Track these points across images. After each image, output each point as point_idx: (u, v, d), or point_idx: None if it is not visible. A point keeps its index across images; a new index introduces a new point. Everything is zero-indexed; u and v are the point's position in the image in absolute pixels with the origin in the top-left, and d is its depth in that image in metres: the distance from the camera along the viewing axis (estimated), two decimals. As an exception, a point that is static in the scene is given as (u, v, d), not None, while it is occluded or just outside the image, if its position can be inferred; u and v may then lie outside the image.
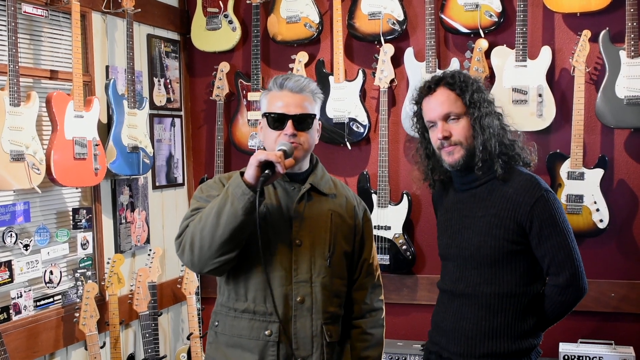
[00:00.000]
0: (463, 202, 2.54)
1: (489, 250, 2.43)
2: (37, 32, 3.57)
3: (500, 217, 2.42)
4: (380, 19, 4.23)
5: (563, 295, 2.43)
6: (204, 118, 4.79)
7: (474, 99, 2.44)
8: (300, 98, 2.37)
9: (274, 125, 2.36)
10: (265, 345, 2.36)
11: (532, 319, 2.47)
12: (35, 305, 3.48)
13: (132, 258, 4.19)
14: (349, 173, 4.42)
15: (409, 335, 4.27)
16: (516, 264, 2.44)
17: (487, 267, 2.45)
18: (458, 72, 2.52)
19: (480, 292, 2.46)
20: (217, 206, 2.22)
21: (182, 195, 4.74)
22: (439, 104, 2.48)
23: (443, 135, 2.46)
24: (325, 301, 2.41)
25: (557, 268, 2.41)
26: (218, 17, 4.55)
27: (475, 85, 2.49)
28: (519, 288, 2.44)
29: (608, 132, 4.00)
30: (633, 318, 3.97)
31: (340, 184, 2.60)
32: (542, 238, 2.40)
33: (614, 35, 3.86)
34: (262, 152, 2.22)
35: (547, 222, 2.39)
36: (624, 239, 4.01)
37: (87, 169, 3.59)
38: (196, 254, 2.26)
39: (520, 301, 2.44)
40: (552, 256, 2.40)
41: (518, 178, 2.45)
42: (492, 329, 2.44)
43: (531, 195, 2.40)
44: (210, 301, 4.69)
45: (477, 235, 2.46)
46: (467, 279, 2.49)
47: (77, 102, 3.53)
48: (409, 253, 4.22)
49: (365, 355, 2.55)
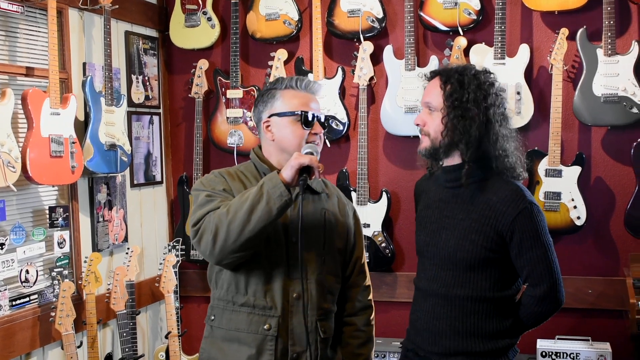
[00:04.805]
0: (445, 201, 2.52)
1: (465, 254, 2.42)
2: (13, 28, 3.53)
3: (480, 224, 2.41)
4: (359, 17, 4.23)
5: (539, 306, 2.43)
6: (183, 115, 4.77)
7: (453, 97, 2.40)
8: (316, 99, 2.50)
9: (307, 123, 2.41)
10: (264, 339, 2.38)
11: (507, 320, 2.46)
12: (10, 305, 3.44)
13: (109, 257, 4.16)
14: (329, 171, 4.41)
15: (388, 332, 4.28)
16: (491, 270, 2.43)
17: (462, 270, 2.44)
18: (462, 69, 2.47)
19: (453, 294, 2.45)
20: (249, 202, 2.21)
21: (160, 193, 4.71)
22: (426, 93, 2.50)
23: (416, 122, 2.50)
24: (320, 298, 2.45)
25: (535, 280, 2.41)
26: (197, 14, 4.53)
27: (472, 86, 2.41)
28: (492, 293, 2.44)
29: (585, 129, 4.03)
30: (610, 314, 4.01)
31: (330, 184, 2.65)
32: (522, 250, 2.39)
33: (591, 33, 3.89)
34: (304, 156, 2.25)
35: (528, 234, 2.37)
36: (601, 236, 4.05)
37: (63, 166, 3.56)
38: (219, 245, 2.25)
39: (494, 305, 2.44)
40: (531, 268, 2.39)
41: (504, 187, 2.42)
42: (466, 329, 2.44)
43: (515, 207, 2.37)
44: (189, 300, 4.67)
45: (454, 238, 2.45)
46: (441, 279, 2.48)
47: (54, 99, 3.49)
48: (388, 251, 4.22)
49: (359, 352, 2.59)
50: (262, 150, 2.52)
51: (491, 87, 2.45)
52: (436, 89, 2.46)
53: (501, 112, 2.45)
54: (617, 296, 3.93)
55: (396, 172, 4.35)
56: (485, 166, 2.44)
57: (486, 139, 2.41)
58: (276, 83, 2.49)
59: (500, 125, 2.43)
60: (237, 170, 2.51)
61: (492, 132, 2.41)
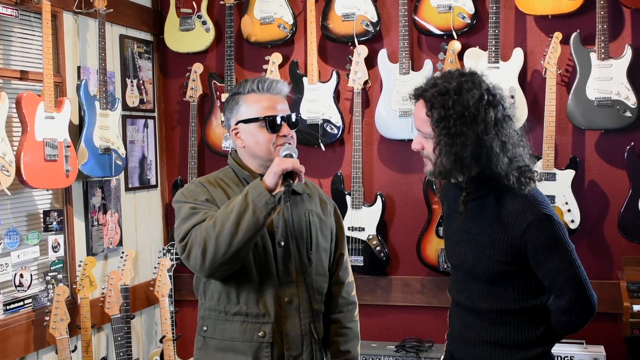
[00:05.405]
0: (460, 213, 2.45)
1: (482, 269, 2.36)
2: (7, 32, 3.53)
3: (493, 239, 2.33)
4: (354, 21, 4.23)
5: (566, 316, 2.32)
6: (178, 119, 4.76)
7: (441, 125, 2.28)
8: (283, 99, 2.45)
9: (273, 129, 2.37)
10: (259, 346, 2.38)
11: (539, 329, 2.38)
12: (5, 309, 3.43)
13: (104, 261, 4.15)
14: (323, 174, 4.42)
15: (383, 336, 4.28)
16: (513, 282, 2.35)
17: (484, 284, 2.39)
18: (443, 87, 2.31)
19: (478, 307, 2.40)
20: (235, 213, 2.19)
21: (155, 197, 4.70)
22: (415, 118, 2.40)
23: (414, 147, 2.42)
24: (311, 300, 2.45)
25: (557, 291, 2.32)
26: (191, 18, 4.53)
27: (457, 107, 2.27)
28: (518, 304, 2.36)
29: (579, 133, 4.04)
30: (604, 317, 4.00)
31: (311, 183, 2.63)
32: (538, 262, 2.30)
33: (584, 37, 3.91)
34: (286, 160, 2.23)
35: (541, 247, 2.27)
36: (595, 239, 4.06)
37: (58, 170, 3.55)
38: (208, 259, 2.23)
39: (521, 315, 2.37)
40: (551, 280, 2.30)
41: (513, 199, 2.32)
42: (494, 339, 2.39)
43: (523, 220, 2.27)
44: (184, 304, 4.66)
45: (472, 253, 2.39)
46: (467, 291, 2.44)
47: (48, 103, 3.49)
48: (383, 254, 4.22)
49: (346, 349, 2.58)
50: (239, 156, 2.51)
51: (481, 101, 2.29)
52: (423, 116, 2.34)
53: (498, 117, 2.31)
54: (611, 299, 3.93)
55: (391, 176, 4.35)
56: (490, 179, 2.33)
57: (483, 158, 2.29)
58: (239, 87, 2.45)
59: (497, 137, 2.29)
60: (217, 178, 2.49)
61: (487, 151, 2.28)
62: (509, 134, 2.35)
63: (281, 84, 2.45)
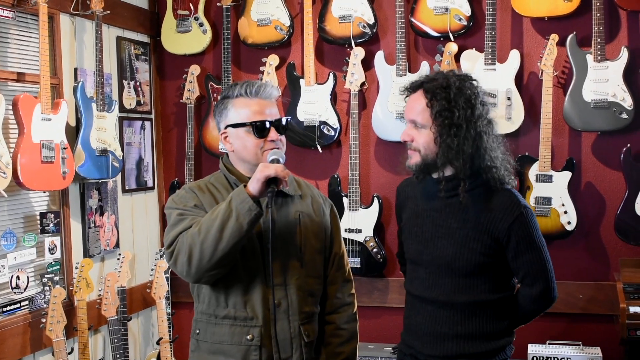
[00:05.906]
0: (437, 210, 2.51)
1: (464, 262, 2.45)
2: (4, 33, 3.52)
3: (477, 231, 2.43)
4: (350, 22, 4.24)
5: (535, 304, 2.53)
6: (175, 121, 4.76)
7: (443, 116, 2.38)
8: (272, 103, 2.43)
9: (260, 134, 2.37)
10: (248, 350, 2.38)
11: (506, 320, 2.53)
12: (1, 311, 3.42)
13: (101, 262, 4.15)
14: (320, 176, 4.42)
15: (381, 338, 4.28)
16: (488, 275, 2.48)
17: (462, 277, 2.47)
18: (445, 82, 2.41)
19: (454, 300, 2.48)
20: (219, 220, 2.20)
21: (152, 199, 4.70)
22: (410, 108, 2.47)
23: (403, 139, 2.49)
24: (301, 302, 2.44)
25: (531, 280, 2.48)
26: (188, 20, 4.53)
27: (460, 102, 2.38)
28: (492, 295, 2.49)
29: (576, 135, 4.05)
30: (600, 319, 4.02)
31: (304, 183, 2.62)
32: (518, 253, 2.45)
33: (581, 39, 3.92)
34: (269, 166, 2.23)
35: (524, 239, 2.44)
36: (591, 241, 4.07)
37: (54, 172, 3.55)
38: (194, 266, 2.26)
39: (493, 306, 2.50)
40: (527, 270, 2.47)
41: (497, 194, 2.45)
42: (468, 332, 2.48)
43: (510, 213, 2.42)
44: (181, 305, 4.65)
45: (452, 247, 2.46)
46: (441, 286, 2.50)
47: (45, 104, 3.48)
48: (380, 256, 4.23)
49: (339, 351, 2.57)
50: (230, 159, 2.52)
51: (477, 99, 2.43)
52: (421, 105, 2.42)
53: (488, 120, 2.45)
54: (607, 301, 3.95)
55: (388, 178, 4.35)
56: (476, 175, 2.44)
57: (477, 153, 2.41)
58: (228, 91, 2.45)
59: (488, 136, 2.44)
60: (208, 183, 2.49)
61: (481, 146, 2.41)
62: (496, 134, 2.51)
63: (270, 87, 2.44)
